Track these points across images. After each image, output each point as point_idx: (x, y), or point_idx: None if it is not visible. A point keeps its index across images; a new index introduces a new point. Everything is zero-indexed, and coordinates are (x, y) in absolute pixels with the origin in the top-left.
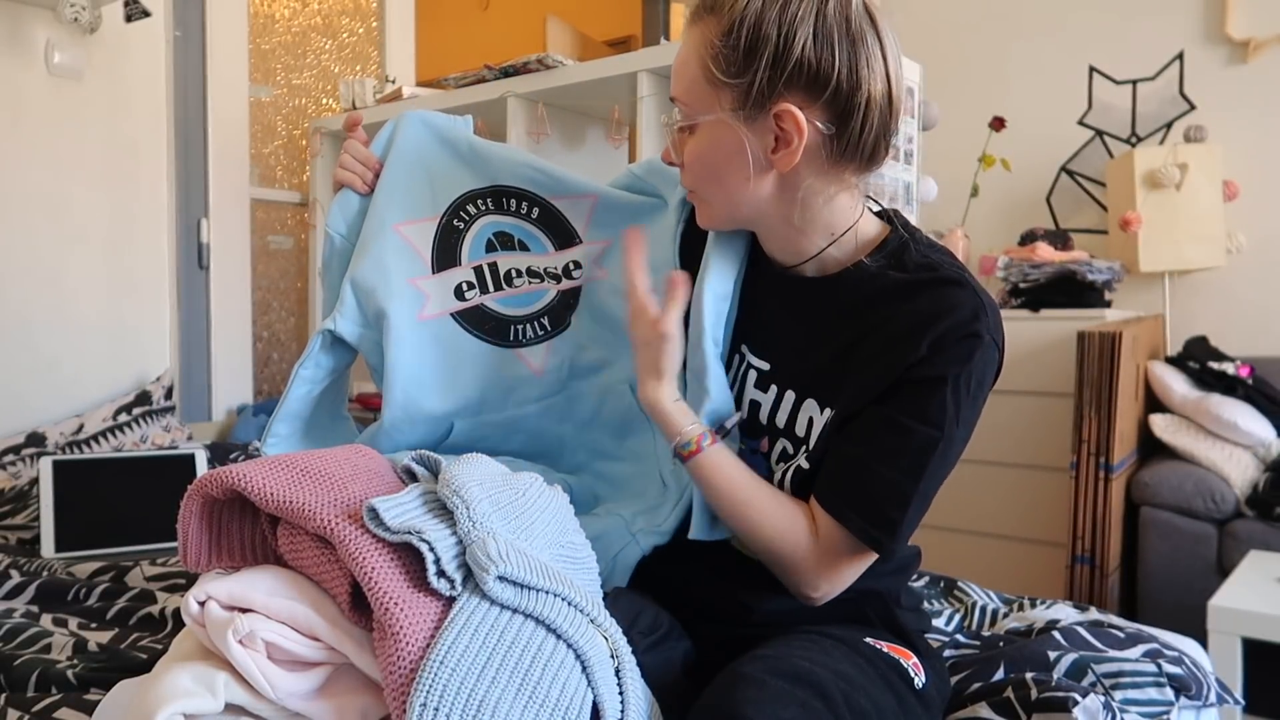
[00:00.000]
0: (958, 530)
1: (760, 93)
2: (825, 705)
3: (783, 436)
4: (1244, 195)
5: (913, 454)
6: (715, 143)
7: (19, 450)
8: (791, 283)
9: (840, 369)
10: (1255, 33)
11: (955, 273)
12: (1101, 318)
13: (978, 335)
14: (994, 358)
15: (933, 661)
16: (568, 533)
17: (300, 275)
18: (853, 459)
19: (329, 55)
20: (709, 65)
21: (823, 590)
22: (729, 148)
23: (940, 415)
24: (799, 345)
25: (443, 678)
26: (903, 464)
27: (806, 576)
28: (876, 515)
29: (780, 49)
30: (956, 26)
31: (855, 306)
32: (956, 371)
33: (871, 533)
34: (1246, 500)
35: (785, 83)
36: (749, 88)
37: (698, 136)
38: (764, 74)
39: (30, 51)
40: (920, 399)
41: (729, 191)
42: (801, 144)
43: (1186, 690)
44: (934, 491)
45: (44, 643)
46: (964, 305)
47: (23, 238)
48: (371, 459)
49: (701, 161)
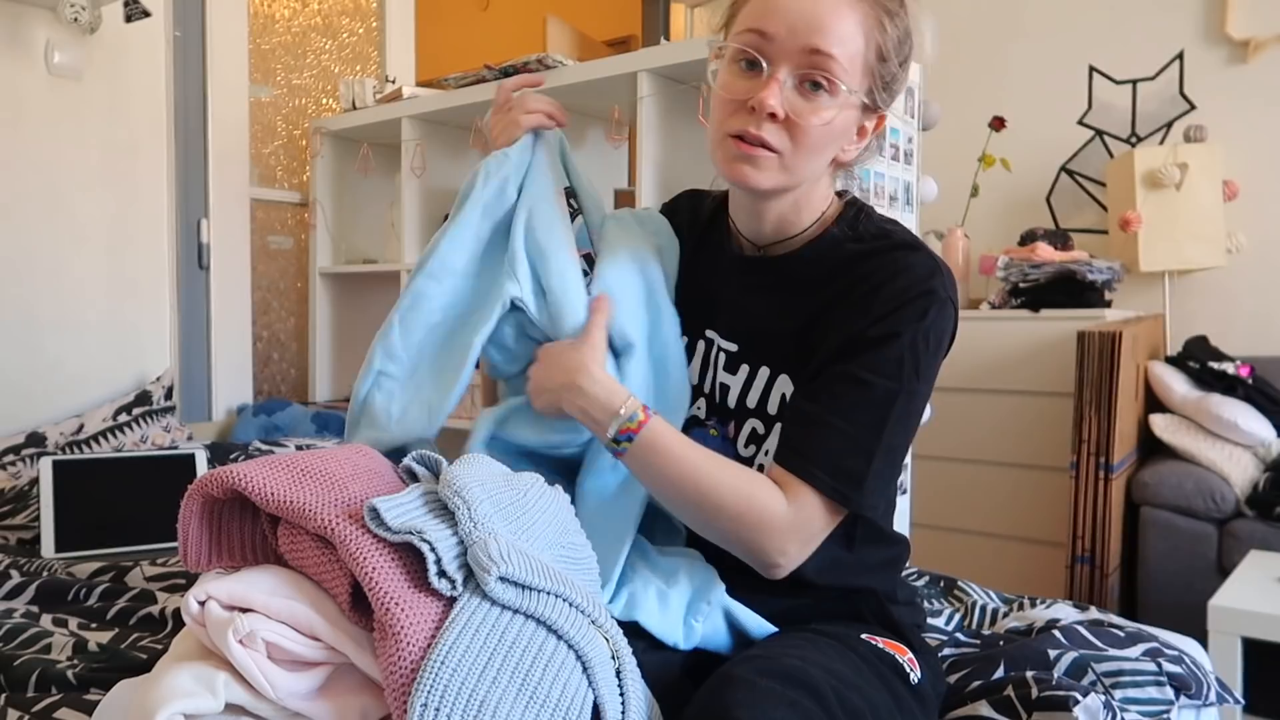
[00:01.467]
0: (958, 530)
1: (890, 95)
2: (817, 704)
3: (753, 416)
4: (1244, 195)
5: (873, 407)
6: (845, 119)
7: (19, 450)
8: (756, 264)
9: (808, 340)
10: (1255, 33)
11: (909, 238)
12: (1101, 318)
13: (933, 292)
14: (950, 315)
15: (928, 657)
16: (568, 533)
17: (300, 275)
18: (812, 416)
19: (329, 55)
20: (878, 46)
21: (791, 555)
22: (847, 127)
23: (898, 368)
24: (768, 323)
25: (443, 678)
26: (863, 418)
27: (775, 542)
28: (841, 470)
29: (908, 60)
30: (956, 26)
31: (818, 278)
32: (914, 328)
33: (838, 488)
34: (1246, 500)
35: (895, 92)
36: (893, 83)
37: (835, 106)
38: (899, 83)
39: (30, 51)
40: (877, 354)
41: (818, 163)
42: (865, 142)
43: (1186, 689)
44: (901, 447)
45: (44, 643)
46: (918, 265)
47: (23, 238)
48: (372, 459)
49: (830, 132)
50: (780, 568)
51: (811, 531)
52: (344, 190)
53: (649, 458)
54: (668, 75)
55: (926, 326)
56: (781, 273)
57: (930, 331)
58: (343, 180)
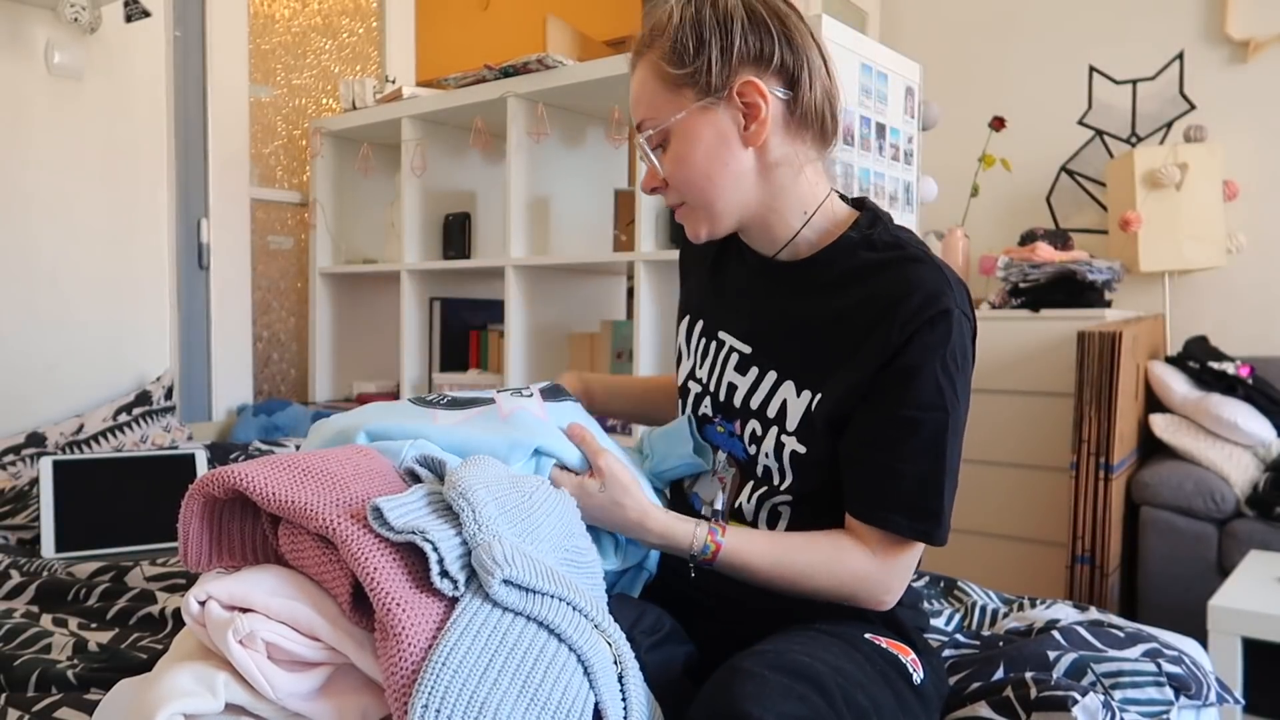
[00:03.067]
0: (958, 530)
1: (718, 73)
2: (824, 700)
3: (754, 418)
4: (1244, 195)
5: (928, 441)
6: (692, 137)
7: (19, 450)
8: (771, 269)
9: (819, 350)
10: (1255, 33)
11: (919, 251)
12: (1101, 318)
13: (947, 311)
14: (967, 329)
15: (930, 658)
16: (573, 536)
17: (300, 275)
18: (876, 465)
19: (329, 55)
20: (665, 71)
21: (894, 594)
22: (707, 137)
23: (939, 396)
24: (779, 328)
25: (444, 679)
26: (923, 454)
27: (876, 594)
28: (918, 510)
29: (723, 38)
30: (956, 26)
31: (830, 285)
32: (939, 353)
33: (920, 528)
34: (1246, 500)
35: (737, 61)
36: (707, 71)
37: (675, 141)
38: (716, 57)
39: (30, 51)
40: (914, 388)
41: (716, 184)
42: (768, 111)
43: (1186, 690)
44: (958, 466)
45: (44, 643)
46: (928, 281)
47: (23, 238)
48: (374, 459)
49: (684, 162)
50: (886, 604)
51: (902, 570)
52: (344, 190)
53: (735, 570)
54: None
55: (951, 348)
56: (795, 278)
57: (955, 351)
58: (343, 180)
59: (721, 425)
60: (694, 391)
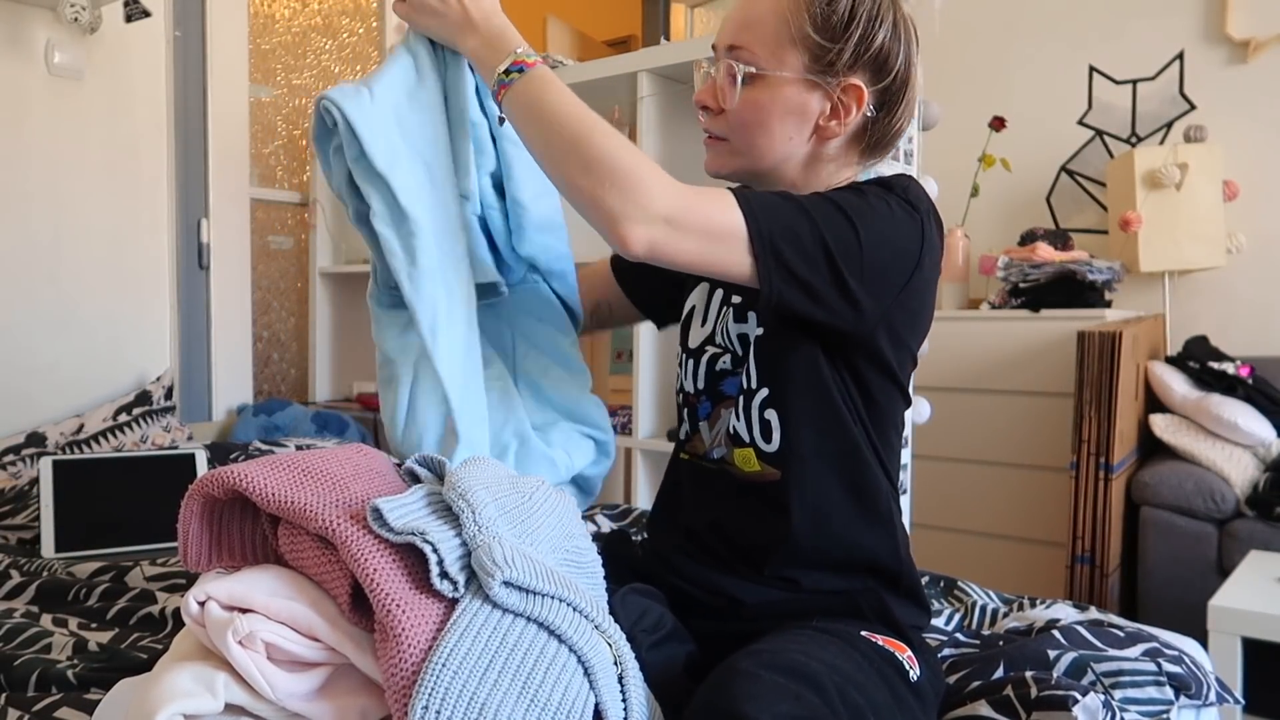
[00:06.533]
0: (958, 530)
1: (844, 63)
2: (820, 699)
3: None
4: (1244, 195)
5: (816, 207)
6: (779, 98)
7: (19, 450)
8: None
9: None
10: (1255, 33)
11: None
12: (1101, 318)
13: (885, 178)
14: (924, 194)
15: (927, 655)
16: (573, 537)
17: (300, 275)
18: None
19: (329, 55)
20: (800, 23)
21: (659, 206)
22: (792, 105)
23: (857, 195)
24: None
25: (444, 680)
26: (804, 212)
27: (648, 186)
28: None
29: (867, 30)
30: (956, 26)
31: None
32: (881, 189)
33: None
34: (1246, 500)
35: (863, 61)
36: (836, 55)
37: (760, 89)
38: (850, 47)
39: (30, 51)
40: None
41: (770, 143)
42: (854, 119)
43: (1186, 689)
44: (823, 240)
45: (44, 643)
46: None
47: (23, 238)
48: (373, 459)
49: (758, 112)
50: (627, 239)
51: (686, 193)
52: None
53: (538, 87)
54: (668, 75)
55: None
56: None
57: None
58: None
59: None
60: (710, 353)
